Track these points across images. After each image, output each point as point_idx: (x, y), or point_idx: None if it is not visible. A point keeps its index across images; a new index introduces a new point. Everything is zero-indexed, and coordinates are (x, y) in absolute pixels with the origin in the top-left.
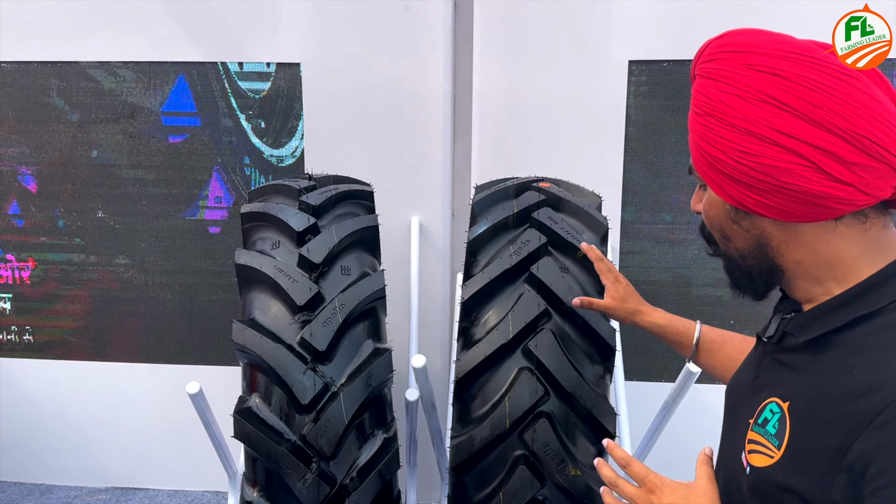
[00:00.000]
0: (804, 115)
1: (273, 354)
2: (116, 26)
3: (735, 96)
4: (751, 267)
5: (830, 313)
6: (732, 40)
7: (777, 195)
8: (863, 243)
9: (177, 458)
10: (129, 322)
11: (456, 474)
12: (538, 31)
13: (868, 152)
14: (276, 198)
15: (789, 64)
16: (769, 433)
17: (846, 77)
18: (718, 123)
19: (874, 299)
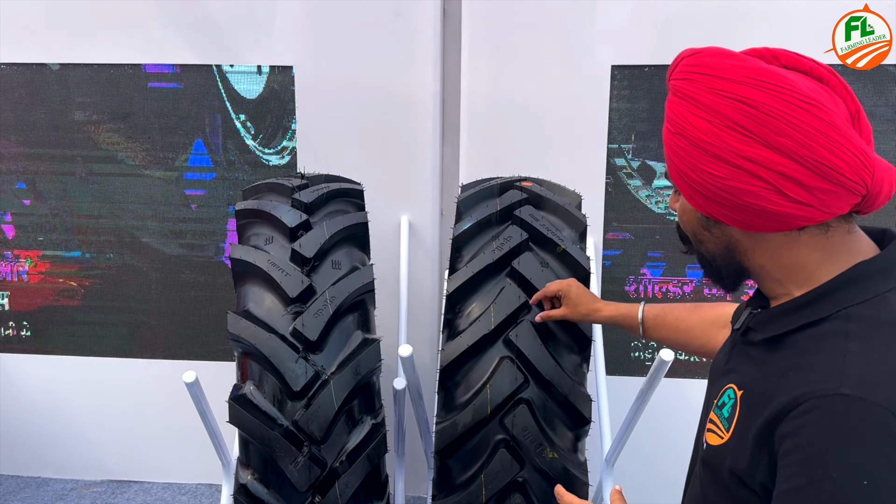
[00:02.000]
0: (767, 143)
1: (267, 344)
2: (112, 29)
3: (704, 120)
4: (720, 267)
5: (785, 316)
6: (703, 61)
7: (742, 212)
8: (824, 250)
9: (171, 451)
10: (124, 317)
11: (440, 458)
12: (524, 36)
13: (826, 178)
14: (270, 195)
15: (755, 92)
16: (723, 416)
17: (808, 106)
18: (689, 144)
19: (823, 307)
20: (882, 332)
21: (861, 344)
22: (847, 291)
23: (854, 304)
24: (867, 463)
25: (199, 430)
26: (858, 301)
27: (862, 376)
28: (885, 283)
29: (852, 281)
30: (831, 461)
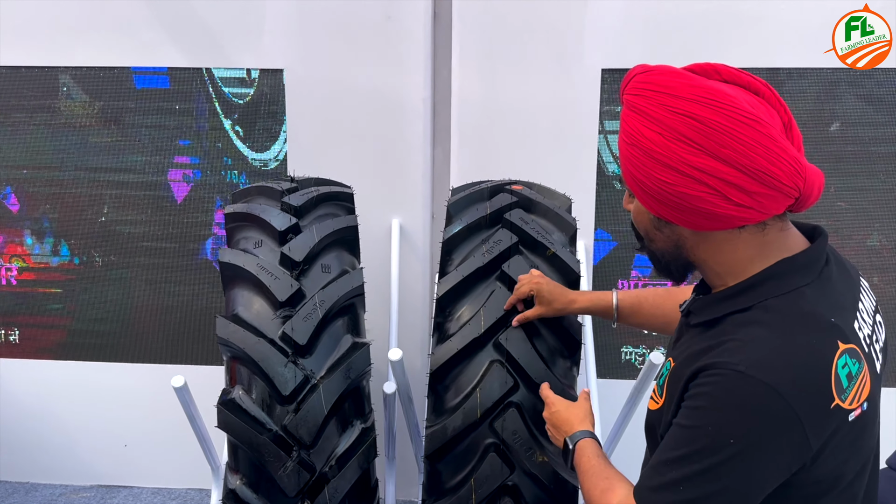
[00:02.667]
0: (713, 154)
1: (255, 348)
2: (102, 32)
3: (657, 133)
4: (669, 262)
5: (717, 304)
6: (654, 79)
7: (690, 214)
8: (760, 246)
9: (160, 456)
10: (114, 322)
11: (430, 462)
12: (515, 40)
13: (765, 184)
14: (259, 199)
15: (702, 109)
16: (660, 385)
17: (748, 121)
18: (643, 154)
19: (747, 298)
20: (790, 323)
21: (769, 332)
22: (768, 285)
23: (773, 296)
24: (740, 429)
25: (188, 435)
26: (777, 294)
27: (760, 359)
28: (804, 278)
29: (774, 276)
30: (713, 419)
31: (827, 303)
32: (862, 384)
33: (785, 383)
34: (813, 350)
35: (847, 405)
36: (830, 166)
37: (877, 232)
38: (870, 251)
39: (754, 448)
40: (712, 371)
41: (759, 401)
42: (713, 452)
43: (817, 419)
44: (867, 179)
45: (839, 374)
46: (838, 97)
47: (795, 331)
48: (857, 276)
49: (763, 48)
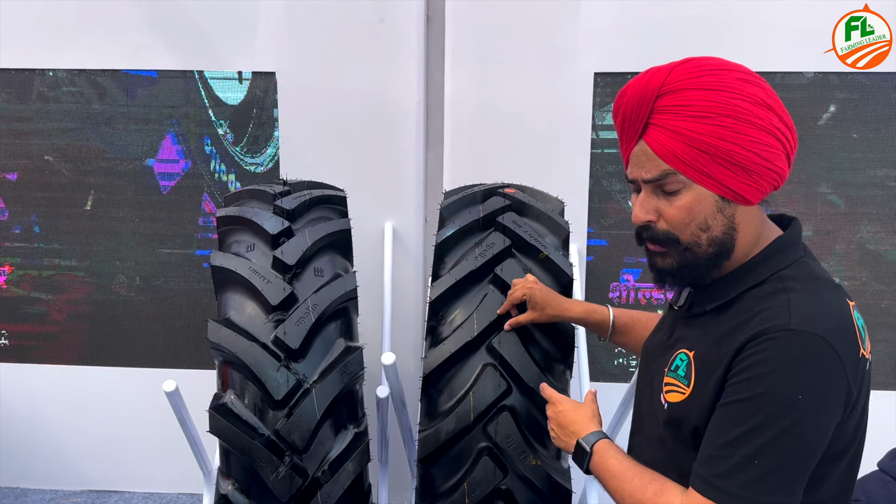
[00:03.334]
0: (778, 115)
1: (248, 352)
2: (92, 34)
3: (742, 100)
4: (710, 254)
5: (728, 285)
6: (713, 62)
7: (763, 177)
8: (761, 226)
9: (152, 461)
10: (104, 326)
11: (423, 466)
12: (508, 43)
13: (795, 148)
14: (251, 202)
15: (753, 76)
16: (680, 376)
17: (776, 99)
18: (736, 122)
19: (759, 273)
20: (810, 285)
21: (798, 294)
22: (773, 260)
23: (782, 268)
24: (806, 383)
25: (179, 440)
26: (784, 266)
27: (804, 315)
28: (797, 252)
29: (776, 251)
30: (778, 380)
31: (824, 269)
32: (867, 336)
33: (831, 334)
34: (839, 304)
35: (867, 354)
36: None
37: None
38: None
39: (820, 398)
40: (764, 338)
41: (817, 351)
42: (785, 413)
43: (854, 366)
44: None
45: (859, 325)
46: (832, 100)
47: (818, 290)
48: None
49: (756, 51)
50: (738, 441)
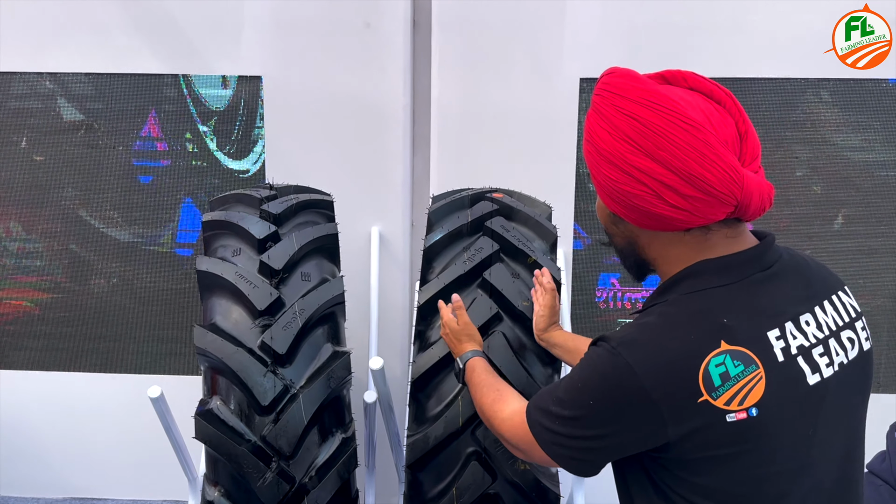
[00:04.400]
0: (650, 154)
1: (234, 358)
2: (77, 38)
3: (606, 132)
4: (626, 257)
5: (650, 299)
6: (613, 81)
7: (634, 212)
8: (703, 250)
9: (136, 468)
10: (87, 331)
11: (412, 471)
12: (494, 47)
13: (698, 188)
14: (238, 206)
15: (644, 111)
16: None
17: (688, 126)
18: (595, 151)
19: (666, 294)
20: (677, 318)
21: (655, 322)
22: (684, 283)
23: (685, 293)
24: (598, 394)
25: (165, 446)
26: (689, 291)
27: (632, 341)
28: (721, 280)
29: (691, 275)
30: (582, 379)
31: (735, 305)
32: (746, 388)
33: (643, 364)
34: (684, 343)
35: (721, 404)
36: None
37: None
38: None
39: (608, 413)
40: (597, 343)
41: (616, 373)
42: (577, 406)
43: (677, 407)
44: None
45: (709, 371)
46: (814, 104)
47: (676, 325)
48: (825, 289)
49: (739, 58)
50: (558, 400)
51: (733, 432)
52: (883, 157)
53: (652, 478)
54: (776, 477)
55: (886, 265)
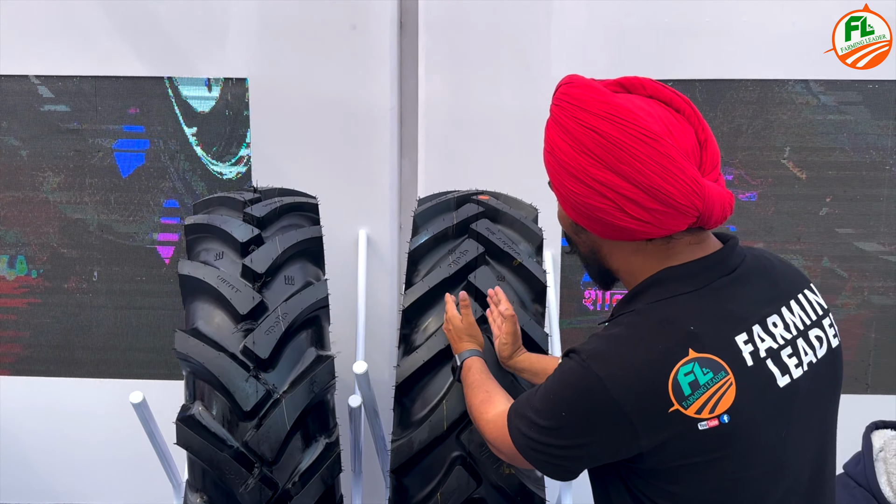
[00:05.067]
0: (612, 168)
1: (216, 362)
2: (61, 40)
3: (567, 144)
4: (590, 266)
5: (616, 308)
6: (571, 91)
7: (596, 223)
8: (666, 259)
9: (121, 473)
10: (70, 337)
11: (396, 476)
12: (481, 49)
13: (660, 201)
14: (221, 210)
15: (605, 124)
16: None
17: (647, 140)
18: (556, 163)
19: (632, 303)
20: (644, 328)
21: (622, 332)
22: (650, 292)
23: (652, 301)
24: (569, 406)
25: (149, 452)
26: (655, 300)
27: (601, 353)
28: (686, 286)
29: (655, 283)
30: (554, 391)
31: (701, 312)
32: (716, 395)
33: (613, 377)
34: (652, 354)
35: (692, 413)
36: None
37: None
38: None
39: (581, 425)
40: (569, 355)
41: (587, 387)
42: (551, 417)
43: (649, 418)
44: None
45: (679, 380)
46: (800, 107)
47: (644, 335)
48: (791, 288)
49: (726, 59)
50: (535, 408)
51: (706, 440)
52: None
53: (629, 486)
54: (752, 482)
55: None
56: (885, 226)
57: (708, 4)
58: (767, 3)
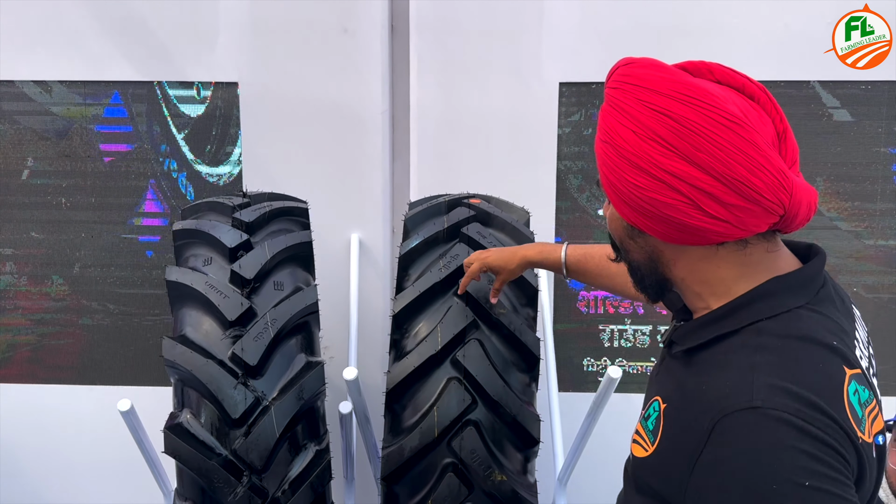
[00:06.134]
0: (687, 157)
1: (204, 370)
2: (51, 44)
3: (630, 131)
4: (644, 275)
5: (702, 328)
6: (634, 72)
7: (662, 224)
8: (742, 266)
9: (110, 478)
10: (59, 342)
11: (387, 484)
12: (473, 52)
13: (743, 195)
14: (209, 215)
15: (679, 106)
16: (648, 428)
17: (730, 124)
18: (615, 153)
19: (735, 320)
20: (789, 346)
21: (769, 357)
22: (759, 305)
23: (765, 317)
24: (779, 470)
25: (138, 457)
26: (769, 315)
27: (770, 388)
28: (798, 299)
29: (764, 295)
30: (749, 481)
31: (826, 325)
32: (873, 414)
33: (805, 412)
34: (823, 374)
35: (865, 436)
36: None
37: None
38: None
39: (794, 484)
40: (724, 423)
41: (786, 436)
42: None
43: (846, 446)
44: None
45: (851, 401)
46: (797, 111)
47: (798, 355)
48: (850, 303)
49: (718, 59)
50: None
51: (866, 465)
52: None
53: None
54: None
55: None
56: (878, 221)
57: (700, 5)
58: (761, 4)
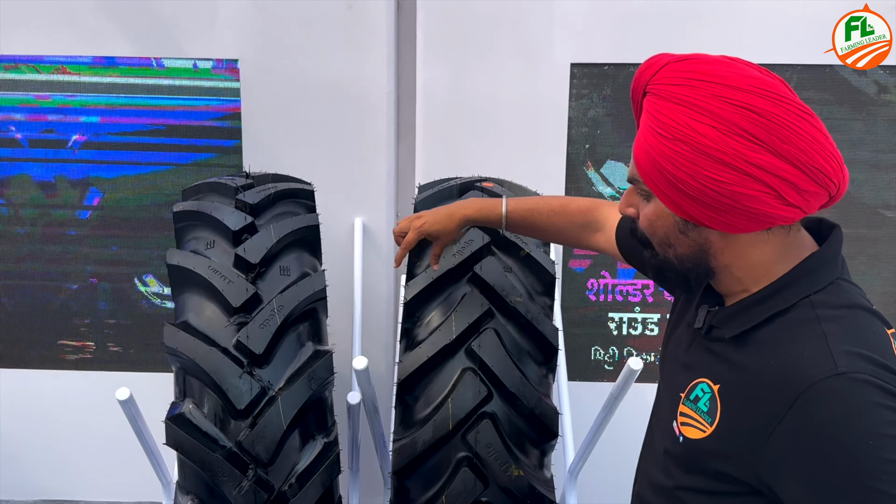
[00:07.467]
0: (773, 150)
1: (207, 358)
2: (44, 19)
3: (710, 127)
4: (688, 269)
5: (749, 311)
6: (701, 68)
7: (734, 215)
8: (783, 248)
9: (109, 468)
10: (55, 328)
11: (398, 478)
12: (481, 32)
13: (818, 182)
14: (212, 196)
15: (760, 101)
16: (701, 410)
17: (805, 115)
18: (691, 150)
19: (786, 297)
20: (845, 315)
21: (834, 326)
22: (805, 282)
23: (813, 292)
24: (871, 427)
25: (138, 446)
26: (816, 290)
27: (848, 353)
28: (834, 272)
29: (808, 272)
30: (847, 441)
31: (861, 292)
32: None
33: (880, 372)
34: (877, 337)
35: None
36: None
37: None
38: None
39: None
40: (811, 392)
41: (874, 395)
42: (870, 469)
43: None
44: None
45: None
46: (811, 90)
47: (855, 322)
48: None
49: (732, 45)
50: None
51: None
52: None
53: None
54: None
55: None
56: (871, 219)
57: None
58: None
